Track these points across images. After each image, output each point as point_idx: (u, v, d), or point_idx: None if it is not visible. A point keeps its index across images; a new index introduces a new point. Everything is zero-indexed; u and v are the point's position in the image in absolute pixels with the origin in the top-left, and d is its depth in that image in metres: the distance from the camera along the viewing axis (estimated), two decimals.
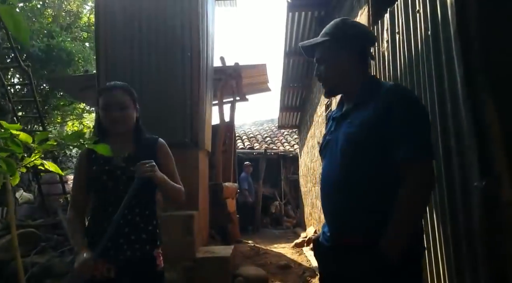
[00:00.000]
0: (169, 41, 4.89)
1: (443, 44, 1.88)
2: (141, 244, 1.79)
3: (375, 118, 1.41)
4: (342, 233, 1.48)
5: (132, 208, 1.80)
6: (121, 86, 1.91)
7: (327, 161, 1.59)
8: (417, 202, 1.37)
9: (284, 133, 15.06)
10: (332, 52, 1.56)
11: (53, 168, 1.33)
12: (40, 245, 4.18)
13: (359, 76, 1.57)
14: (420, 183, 1.36)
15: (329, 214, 1.55)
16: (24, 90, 9.02)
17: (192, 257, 4.11)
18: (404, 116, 1.38)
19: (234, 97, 7.85)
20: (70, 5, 11.33)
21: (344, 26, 1.58)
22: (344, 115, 1.56)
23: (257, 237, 9.09)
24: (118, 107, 1.84)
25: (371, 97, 1.47)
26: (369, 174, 1.43)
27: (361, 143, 1.43)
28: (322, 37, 1.58)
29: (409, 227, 1.36)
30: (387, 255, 1.31)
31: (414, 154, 1.36)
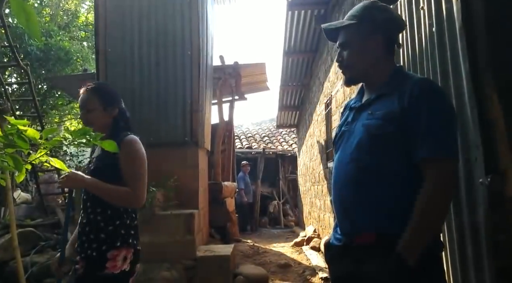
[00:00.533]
0: (169, 40, 4.89)
1: (448, 41, 1.88)
2: (98, 244, 1.77)
3: (399, 111, 1.33)
4: (354, 231, 1.39)
5: (94, 207, 1.83)
6: (92, 88, 1.95)
7: (341, 153, 1.49)
8: (438, 204, 1.28)
9: (282, 132, 15.07)
10: (358, 37, 1.46)
11: (58, 165, 1.32)
12: (39, 245, 4.16)
13: (385, 65, 1.48)
14: (443, 182, 1.28)
15: (341, 210, 1.47)
16: (22, 89, 8.98)
17: (193, 256, 4.11)
18: (430, 112, 1.29)
19: (233, 96, 7.85)
20: (67, 4, 11.29)
21: (374, 10, 1.46)
22: (364, 105, 1.47)
23: (255, 237, 9.10)
24: (84, 110, 1.93)
25: (396, 89, 1.38)
26: (385, 168, 1.35)
27: (381, 136, 1.34)
28: (349, 19, 1.47)
29: (428, 229, 1.28)
30: (405, 257, 1.23)
31: (438, 151, 1.28)
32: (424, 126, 1.29)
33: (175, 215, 4.20)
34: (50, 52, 8.84)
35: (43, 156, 1.28)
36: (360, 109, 1.48)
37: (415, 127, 1.30)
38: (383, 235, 1.31)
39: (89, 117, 1.90)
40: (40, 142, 1.16)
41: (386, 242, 1.29)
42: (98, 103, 1.91)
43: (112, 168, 1.82)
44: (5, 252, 3.87)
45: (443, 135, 1.29)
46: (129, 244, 1.81)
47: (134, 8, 4.93)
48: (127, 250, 1.80)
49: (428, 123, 1.29)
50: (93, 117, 1.90)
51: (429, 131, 1.28)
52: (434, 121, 1.29)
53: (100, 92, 1.95)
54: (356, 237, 1.38)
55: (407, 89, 1.34)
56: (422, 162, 1.30)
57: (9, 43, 5.33)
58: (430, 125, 1.29)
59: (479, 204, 1.69)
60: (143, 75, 4.86)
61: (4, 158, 1.15)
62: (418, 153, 1.30)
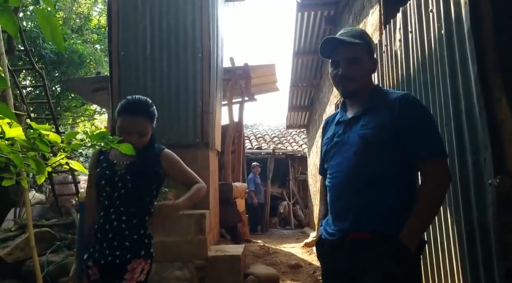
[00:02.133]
0: (180, 43, 4.95)
1: (456, 43, 1.90)
2: (122, 251, 1.80)
3: (390, 120, 1.50)
4: (350, 228, 1.53)
5: (119, 215, 1.84)
6: (143, 111, 1.87)
7: (337, 161, 1.63)
8: (439, 196, 1.48)
9: (292, 133, 15.07)
10: (365, 56, 1.63)
11: (78, 167, 1.38)
12: (55, 244, 4.25)
13: (370, 83, 1.70)
14: (442, 178, 1.48)
15: (338, 210, 1.60)
16: (36, 92, 9.15)
17: (204, 255, 4.15)
18: (420, 119, 1.50)
19: (243, 97, 7.90)
20: (80, 7, 11.46)
21: (368, 36, 1.69)
22: (354, 118, 1.62)
23: (266, 237, 9.13)
24: (137, 135, 1.85)
25: (383, 103, 1.56)
26: (381, 172, 1.51)
27: (376, 143, 1.51)
28: (355, 39, 1.60)
29: (429, 219, 1.52)
30: (407, 245, 1.40)
31: (434, 152, 1.48)
32: (417, 132, 1.48)
33: (187, 215, 4.25)
34: (63, 55, 8.99)
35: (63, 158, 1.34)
36: (350, 122, 1.63)
37: (408, 133, 1.48)
38: (378, 233, 1.46)
39: (143, 141, 1.88)
40: (61, 146, 1.22)
41: (380, 239, 1.45)
42: (150, 126, 1.91)
43: (156, 174, 1.93)
44: (22, 252, 3.96)
45: (436, 138, 1.51)
46: (151, 253, 1.88)
47: (146, 12, 5.01)
48: (146, 262, 1.85)
49: (420, 128, 1.49)
50: (144, 141, 1.89)
51: (422, 136, 1.48)
52: (424, 127, 1.50)
53: (153, 115, 1.92)
54: (351, 232, 1.52)
55: (396, 101, 1.53)
56: (421, 162, 1.49)
57: (24, 47, 5.45)
58: (423, 130, 1.49)
59: (488, 204, 1.71)
60: (154, 77, 4.94)
61: (26, 161, 1.21)
62: (418, 154, 1.48)
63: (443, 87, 2.05)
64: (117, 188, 1.85)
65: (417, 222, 1.44)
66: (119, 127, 1.85)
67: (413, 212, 1.44)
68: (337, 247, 1.57)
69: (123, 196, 1.85)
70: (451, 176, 1.57)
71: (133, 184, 1.85)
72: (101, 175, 1.88)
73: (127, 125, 1.85)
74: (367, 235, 1.48)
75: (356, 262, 1.48)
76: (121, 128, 1.84)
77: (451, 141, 1.97)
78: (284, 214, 11.74)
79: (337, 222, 1.59)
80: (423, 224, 1.48)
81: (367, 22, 3.88)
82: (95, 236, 1.86)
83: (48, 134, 1.17)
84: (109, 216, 1.85)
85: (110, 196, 1.85)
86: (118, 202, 1.85)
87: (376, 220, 1.48)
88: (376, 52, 3.13)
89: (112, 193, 1.85)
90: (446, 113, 2.02)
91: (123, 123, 1.85)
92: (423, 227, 1.51)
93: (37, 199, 7.83)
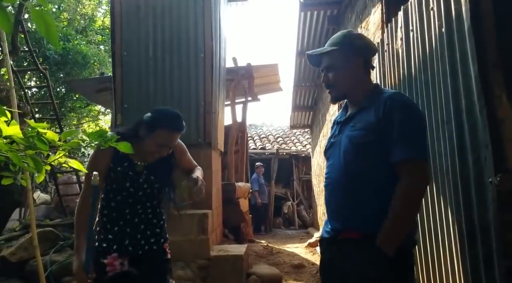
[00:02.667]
0: (183, 43, 4.97)
1: (457, 41, 1.89)
2: (155, 238, 1.96)
3: (376, 122, 1.52)
4: (342, 229, 1.57)
5: (145, 207, 1.96)
6: (183, 127, 1.91)
7: (331, 162, 1.69)
8: (412, 198, 1.46)
9: (296, 133, 15.05)
10: (341, 61, 1.66)
11: (76, 166, 1.38)
12: (58, 244, 4.27)
13: (364, 83, 1.68)
14: (415, 180, 1.45)
15: (331, 211, 1.66)
16: (41, 92, 9.21)
17: (207, 255, 4.16)
18: (402, 120, 1.48)
19: (246, 98, 7.90)
20: (85, 8, 11.52)
21: (351, 38, 1.69)
22: (348, 119, 1.66)
23: (269, 237, 9.13)
24: (170, 147, 1.93)
25: (373, 103, 1.57)
26: (369, 174, 1.53)
27: (362, 144, 1.53)
28: (331, 46, 1.68)
29: (404, 222, 1.46)
30: (383, 248, 1.41)
31: (410, 154, 1.46)
32: (396, 133, 1.47)
33: (189, 215, 4.26)
34: (68, 56, 9.04)
35: (62, 157, 1.34)
36: (345, 122, 1.67)
37: (390, 134, 1.48)
38: (367, 234, 1.47)
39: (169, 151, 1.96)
40: (59, 144, 1.22)
41: (369, 239, 1.45)
42: None
43: (172, 166, 2.06)
44: (26, 251, 3.98)
45: (413, 139, 1.48)
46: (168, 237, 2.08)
47: (149, 13, 5.02)
48: (167, 242, 2.06)
49: (400, 130, 1.47)
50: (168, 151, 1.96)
51: (401, 137, 1.47)
52: (405, 128, 1.48)
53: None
54: (342, 234, 1.57)
55: (381, 102, 1.53)
56: (397, 164, 1.48)
57: (28, 48, 5.49)
58: (402, 131, 1.47)
59: (488, 203, 1.70)
60: (157, 78, 4.95)
61: (25, 159, 1.22)
62: (394, 156, 1.47)
63: (444, 85, 2.04)
64: (142, 188, 1.94)
65: (391, 225, 1.43)
66: (158, 141, 1.85)
67: (387, 215, 1.44)
68: (331, 246, 1.63)
69: (149, 194, 1.97)
70: (428, 179, 1.54)
71: (159, 183, 1.98)
72: (123, 176, 1.90)
73: (167, 141, 1.88)
74: (357, 235, 1.51)
75: (345, 261, 1.53)
76: (161, 142, 1.86)
77: (452, 139, 1.96)
78: (288, 214, 11.73)
79: (331, 222, 1.65)
80: (397, 226, 1.44)
81: (369, 21, 3.87)
82: (123, 231, 1.91)
83: (46, 133, 1.17)
84: (135, 210, 1.94)
85: (134, 194, 1.93)
86: (145, 199, 1.96)
87: (365, 221, 1.51)
88: (378, 52, 3.12)
89: (136, 192, 1.93)
90: (447, 112, 2.01)
91: (163, 139, 1.86)
92: (398, 229, 1.44)
93: (42, 199, 7.88)
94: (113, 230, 1.91)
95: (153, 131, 1.85)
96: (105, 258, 1.87)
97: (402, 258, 1.47)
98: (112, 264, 1.87)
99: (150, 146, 1.87)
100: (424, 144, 1.52)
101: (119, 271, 1.88)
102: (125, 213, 1.92)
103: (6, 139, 1.16)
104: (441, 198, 2.14)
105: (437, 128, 2.14)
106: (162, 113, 1.91)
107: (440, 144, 2.11)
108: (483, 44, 1.72)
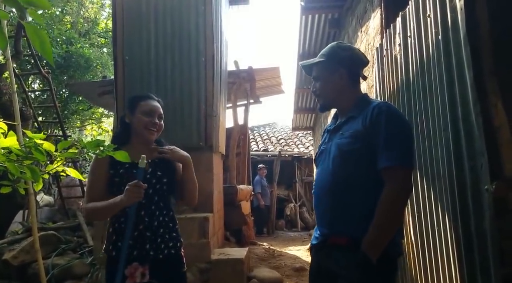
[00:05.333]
0: (184, 46, 4.99)
1: (453, 48, 1.89)
2: (173, 242, 1.94)
3: (363, 130, 1.57)
4: (329, 234, 1.62)
5: (161, 210, 1.93)
6: (157, 98, 2.05)
7: (320, 168, 1.74)
8: (395, 205, 1.50)
9: (299, 135, 15.05)
10: (326, 71, 1.73)
11: (74, 174, 1.40)
12: (60, 247, 4.30)
13: (351, 94, 1.73)
14: (399, 188, 1.49)
15: (320, 216, 1.71)
16: (44, 96, 9.27)
17: (207, 259, 4.17)
18: (387, 129, 1.52)
19: (248, 100, 7.91)
20: (88, 12, 11.58)
21: (338, 49, 1.74)
22: (337, 127, 1.72)
23: (272, 240, 9.12)
24: (159, 117, 1.98)
25: (361, 112, 1.62)
26: (356, 180, 1.57)
27: (350, 152, 1.58)
28: (319, 58, 1.75)
29: (388, 228, 1.49)
30: (367, 253, 1.45)
31: (394, 161, 1.49)
32: (382, 141, 1.51)
33: (190, 218, 4.27)
34: (71, 59, 9.10)
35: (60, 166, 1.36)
36: (334, 131, 1.74)
37: (376, 143, 1.53)
38: (353, 239, 1.51)
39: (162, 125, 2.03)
40: (56, 154, 1.24)
41: (355, 245, 1.49)
42: None
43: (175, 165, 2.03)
44: (27, 254, 4.01)
45: (397, 148, 1.51)
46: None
47: (150, 16, 5.05)
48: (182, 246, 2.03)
49: (385, 139, 1.51)
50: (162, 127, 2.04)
51: (386, 145, 1.51)
52: (390, 137, 1.52)
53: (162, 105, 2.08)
54: (330, 237, 1.61)
55: (369, 111, 1.59)
56: (382, 171, 1.52)
57: (30, 51, 5.53)
58: (387, 139, 1.51)
59: (485, 210, 1.70)
60: (159, 81, 4.97)
61: (23, 169, 1.24)
62: (379, 163, 1.52)
63: (440, 92, 2.05)
64: (151, 184, 1.89)
65: (374, 230, 1.46)
66: (144, 113, 1.94)
67: (372, 222, 1.47)
68: (319, 251, 1.68)
69: (159, 191, 1.93)
70: (411, 186, 1.59)
71: (167, 178, 1.95)
72: (128, 175, 1.86)
73: (152, 108, 1.97)
74: (344, 241, 1.55)
75: (333, 266, 1.57)
76: (147, 112, 1.94)
77: (448, 146, 1.97)
78: (290, 216, 11.73)
79: (319, 227, 1.70)
80: (381, 233, 1.47)
81: (369, 26, 3.88)
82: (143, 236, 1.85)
83: (43, 144, 1.19)
84: (152, 212, 1.90)
85: (145, 193, 1.81)
86: (157, 198, 1.92)
87: (352, 226, 1.55)
88: (377, 57, 3.12)
89: (147, 190, 1.82)
90: (443, 119, 2.01)
91: (148, 108, 1.96)
92: (381, 235, 1.47)
93: (45, 201, 7.93)
94: (132, 235, 1.83)
95: (135, 107, 1.96)
96: (125, 268, 1.80)
97: (387, 265, 1.50)
98: (133, 275, 1.81)
99: (141, 120, 1.93)
100: (408, 152, 1.55)
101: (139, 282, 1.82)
102: (142, 215, 1.86)
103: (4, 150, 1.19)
104: (438, 204, 2.14)
105: (434, 135, 2.14)
106: (135, 95, 2.07)
107: (437, 151, 2.11)
108: (479, 52, 1.73)
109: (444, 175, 2.02)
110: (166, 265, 1.90)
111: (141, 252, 1.84)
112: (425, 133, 2.26)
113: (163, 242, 1.90)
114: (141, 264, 1.84)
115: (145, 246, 1.85)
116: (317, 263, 1.71)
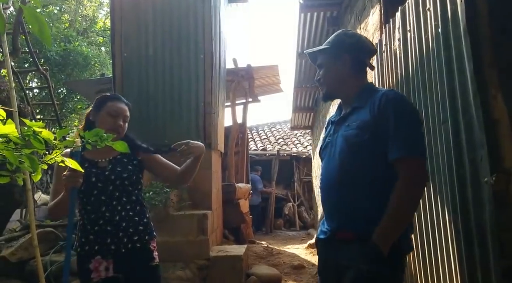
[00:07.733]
0: (183, 44, 4.99)
1: (453, 41, 1.89)
2: (139, 235, 1.94)
3: (371, 121, 1.51)
4: (337, 228, 1.57)
5: (123, 205, 1.94)
6: (125, 101, 2.10)
7: (326, 161, 1.69)
8: (410, 196, 1.45)
9: (297, 134, 15.04)
10: (330, 59, 1.68)
11: (73, 165, 1.39)
12: (58, 244, 4.28)
13: (356, 82, 1.68)
14: (413, 178, 1.44)
15: (327, 210, 1.66)
16: (42, 93, 9.24)
17: (206, 256, 4.17)
18: (397, 117, 1.47)
19: (246, 99, 7.91)
20: (86, 10, 11.56)
21: (344, 36, 1.70)
22: (342, 119, 1.66)
23: (270, 238, 9.12)
24: (124, 119, 2.03)
25: (367, 102, 1.57)
26: (364, 173, 1.52)
27: (357, 143, 1.52)
28: (325, 45, 1.72)
29: (401, 220, 1.45)
30: (378, 244, 1.39)
31: (407, 152, 1.45)
32: (392, 131, 1.46)
33: (189, 215, 4.27)
34: (69, 57, 9.08)
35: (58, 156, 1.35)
36: (339, 122, 1.67)
37: (386, 133, 1.48)
38: (362, 233, 1.46)
39: (125, 128, 2.07)
40: (55, 143, 1.23)
41: (362, 239, 1.45)
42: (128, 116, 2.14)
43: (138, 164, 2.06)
44: (26, 251, 4.00)
45: (409, 137, 1.46)
46: (156, 236, 2.06)
47: (149, 14, 5.04)
48: (154, 241, 2.03)
49: (395, 128, 1.46)
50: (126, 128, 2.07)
51: (397, 135, 1.46)
52: (401, 126, 1.46)
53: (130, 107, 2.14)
54: (338, 232, 1.57)
55: (376, 100, 1.53)
56: (395, 162, 1.46)
57: (29, 49, 5.51)
58: (398, 129, 1.46)
59: (485, 203, 1.70)
60: (157, 78, 4.97)
61: (21, 158, 1.23)
62: (391, 154, 1.46)
63: (440, 85, 2.04)
64: (110, 180, 1.92)
65: (388, 223, 1.42)
66: (109, 113, 1.98)
67: (385, 213, 1.42)
68: (328, 245, 1.63)
69: (120, 187, 1.94)
70: (426, 176, 1.53)
71: (127, 173, 1.96)
72: (88, 173, 1.89)
73: (118, 109, 2.00)
74: (352, 235, 1.51)
75: (341, 260, 1.53)
76: (112, 113, 1.98)
77: (448, 139, 1.96)
78: (289, 215, 11.71)
79: (328, 222, 1.65)
80: (394, 224, 1.43)
81: (368, 22, 3.88)
82: (104, 230, 1.88)
83: (41, 132, 1.18)
84: (113, 208, 1.92)
85: (105, 190, 1.91)
86: (118, 194, 1.93)
87: (361, 220, 1.50)
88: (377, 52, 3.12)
89: (106, 187, 1.91)
90: (443, 112, 2.01)
91: (114, 108, 1.99)
92: (394, 227, 1.43)
93: (43, 200, 7.89)
94: (93, 230, 1.89)
95: (102, 107, 2.00)
96: (89, 262, 1.86)
97: (397, 257, 1.46)
98: (97, 269, 1.86)
99: (105, 121, 1.96)
100: (420, 140, 1.50)
101: (104, 277, 1.86)
102: (103, 211, 1.90)
103: (2, 138, 1.17)
104: (437, 197, 2.14)
105: (433, 128, 2.14)
106: (100, 96, 2.08)
107: (436, 144, 2.11)
108: (479, 44, 1.72)
109: (444, 167, 2.02)
110: (131, 258, 1.90)
111: (102, 246, 1.88)
112: (424, 126, 2.26)
113: (126, 236, 1.90)
114: (104, 257, 1.88)
115: (106, 240, 1.88)
116: (324, 257, 1.67)
